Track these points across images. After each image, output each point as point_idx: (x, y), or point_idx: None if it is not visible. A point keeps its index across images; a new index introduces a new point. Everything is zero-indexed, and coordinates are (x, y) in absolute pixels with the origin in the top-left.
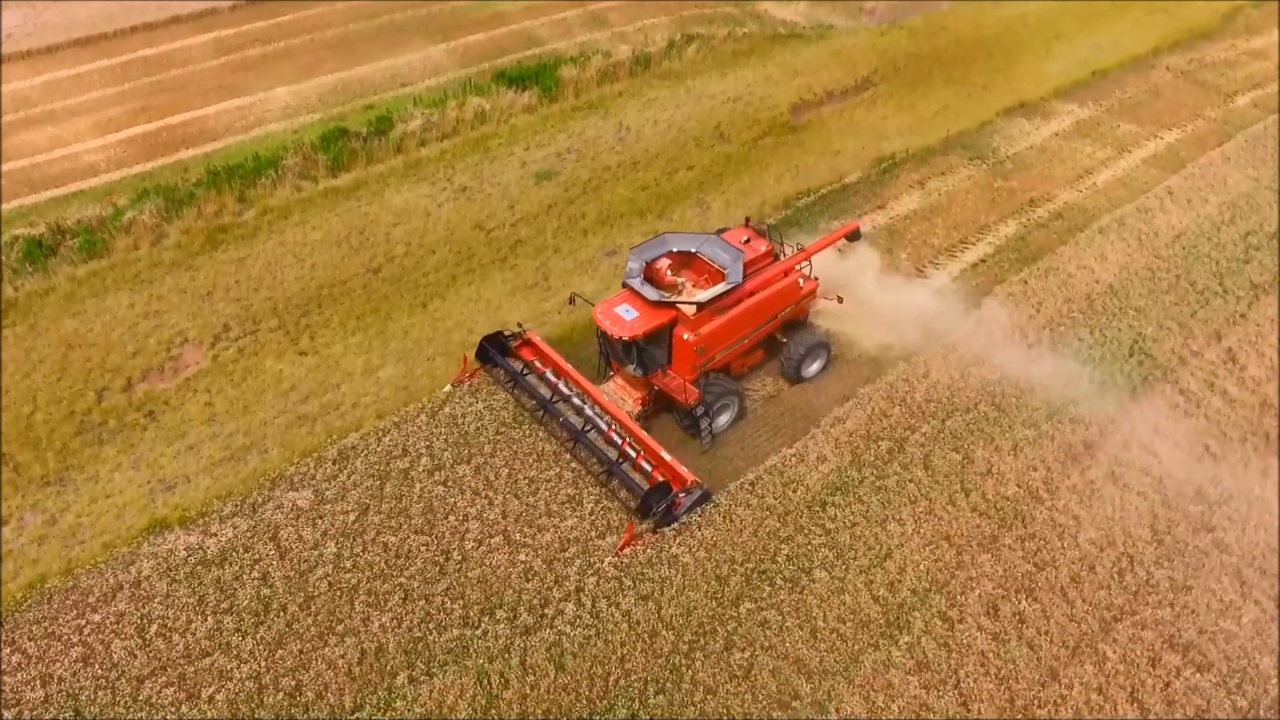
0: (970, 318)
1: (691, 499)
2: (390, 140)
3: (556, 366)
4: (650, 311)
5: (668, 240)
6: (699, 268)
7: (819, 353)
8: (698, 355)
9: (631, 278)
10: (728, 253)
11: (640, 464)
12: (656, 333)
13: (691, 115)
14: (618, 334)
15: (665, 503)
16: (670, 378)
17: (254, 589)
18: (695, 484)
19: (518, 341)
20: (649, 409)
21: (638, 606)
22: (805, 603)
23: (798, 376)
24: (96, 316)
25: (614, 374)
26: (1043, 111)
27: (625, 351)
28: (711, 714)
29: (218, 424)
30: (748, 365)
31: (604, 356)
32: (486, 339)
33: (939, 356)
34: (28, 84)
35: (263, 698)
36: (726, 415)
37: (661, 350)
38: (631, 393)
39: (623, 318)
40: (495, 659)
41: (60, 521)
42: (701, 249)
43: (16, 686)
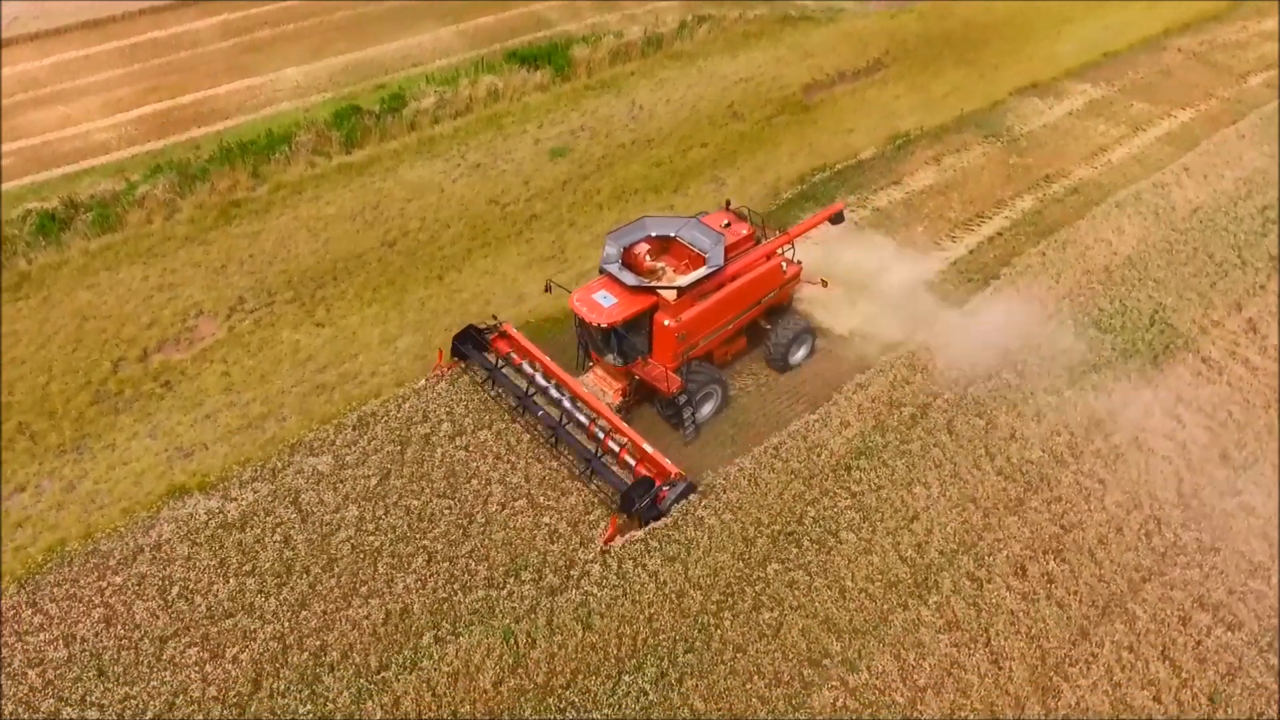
0: (988, 288)
1: (676, 491)
2: (403, 118)
3: (534, 359)
4: (629, 297)
5: (646, 224)
6: (679, 252)
7: (804, 339)
8: (679, 342)
9: (609, 263)
10: (708, 236)
11: (624, 458)
12: (636, 319)
13: (704, 95)
14: (596, 321)
15: (649, 497)
16: (651, 366)
17: (276, 551)
18: (679, 476)
19: (494, 335)
20: (630, 400)
21: (664, 567)
22: (833, 563)
23: (784, 364)
24: (110, 289)
25: (593, 365)
26: (1055, 91)
27: (604, 340)
28: (742, 671)
29: (235, 393)
30: (731, 353)
31: (582, 346)
32: (458, 336)
33: (958, 325)
34: (36, 65)
35: (287, 657)
36: (710, 404)
37: (642, 338)
38: (611, 383)
39: (601, 304)
40: (521, 619)
41: (78, 488)
42: (681, 233)
43: (39, 646)
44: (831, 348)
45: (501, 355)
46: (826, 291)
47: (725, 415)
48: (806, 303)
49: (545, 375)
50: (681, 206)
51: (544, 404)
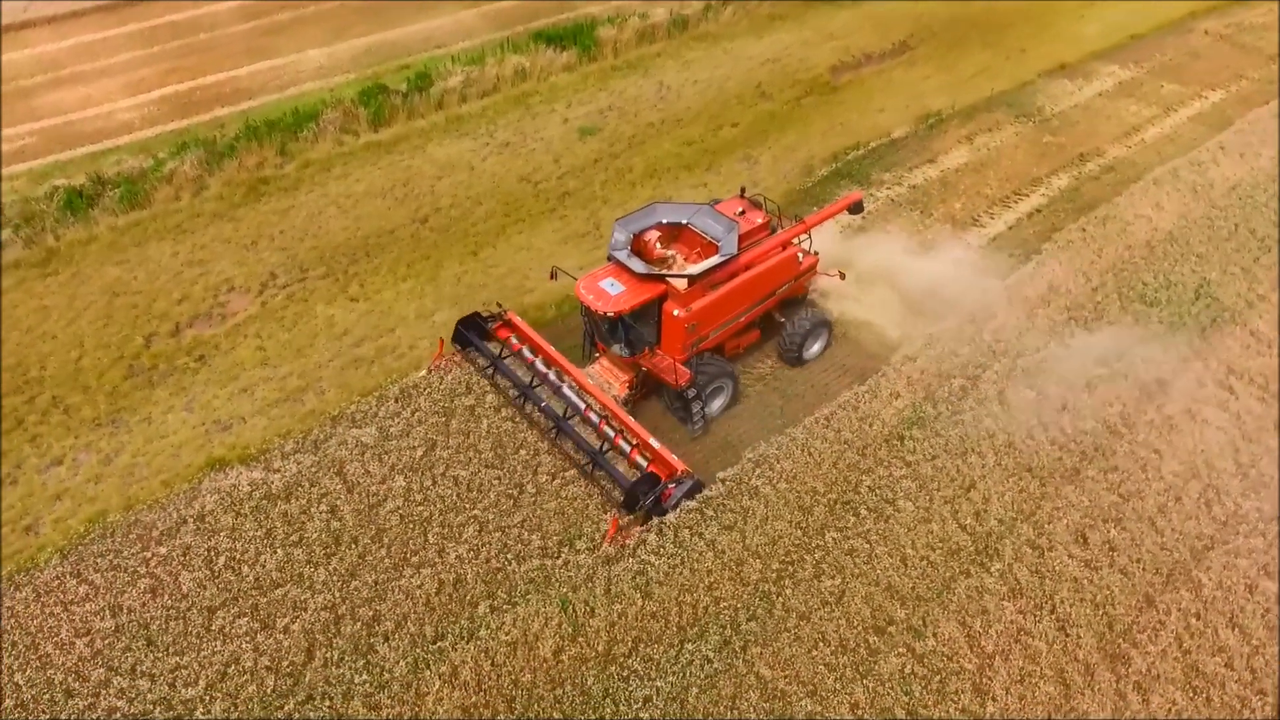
0: (1031, 262)
1: (682, 489)
2: (430, 96)
3: (538, 348)
4: (638, 285)
5: (657, 210)
6: (690, 240)
7: (820, 332)
8: (689, 333)
9: (617, 249)
10: (721, 224)
11: (635, 458)
12: (644, 308)
13: (730, 75)
14: (602, 309)
15: (653, 494)
16: (659, 357)
17: (323, 522)
18: (686, 473)
19: (497, 323)
20: (637, 393)
21: (721, 536)
22: (892, 531)
23: (799, 359)
24: (140, 265)
25: (599, 355)
26: (1084, 73)
27: (610, 329)
28: (807, 639)
29: (270, 367)
30: (742, 345)
31: (588, 337)
32: (462, 321)
33: (1003, 299)
34: (55, 47)
35: (340, 627)
36: (720, 399)
37: (650, 328)
38: (618, 375)
39: (608, 292)
40: (579, 588)
41: (115, 461)
42: (693, 220)
43: (86, 616)
44: (876, 320)
45: (505, 344)
46: (872, 265)
47: (772, 386)
48: (851, 279)
49: (549, 365)
50: (715, 184)
51: (547, 395)
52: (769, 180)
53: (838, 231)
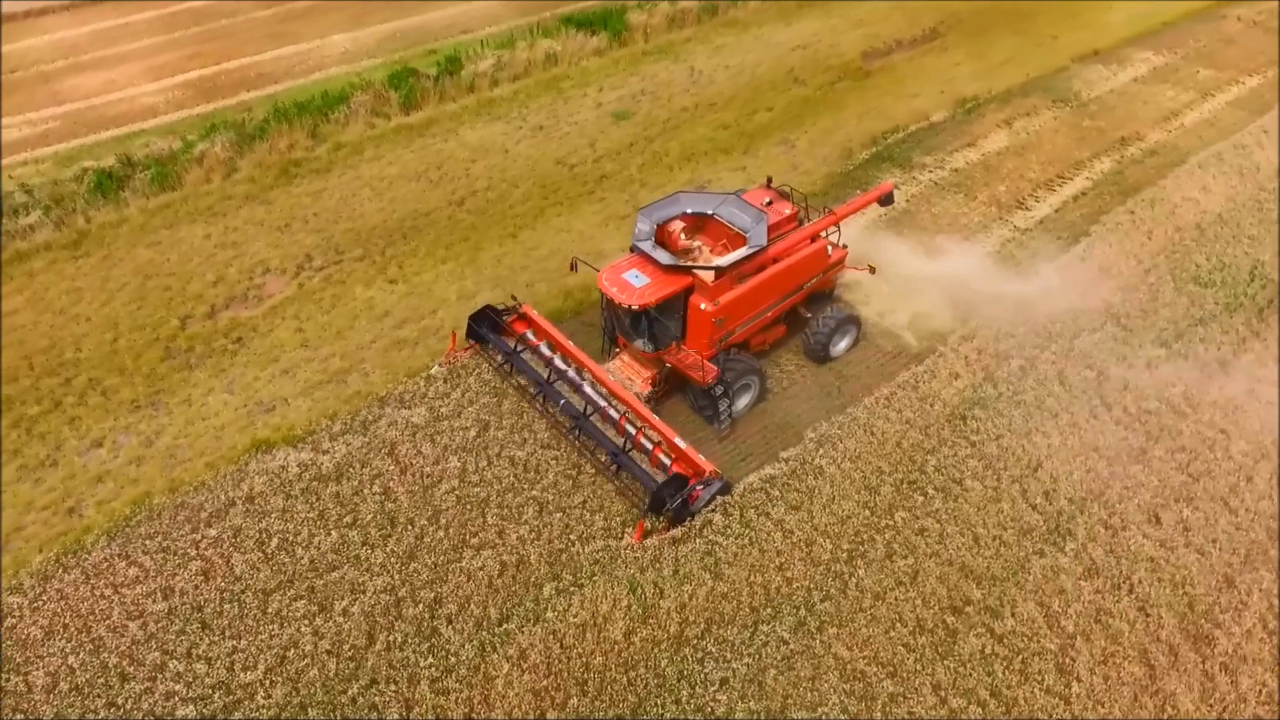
0: (1080, 244)
1: (710, 491)
2: (461, 80)
3: (555, 343)
4: (663, 277)
5: (681, 200)
6: (715, 231)
7: (848, 329)
8: (716, 328)
9: (641, 240)
10: (748, 214)
11: (658, 457)
12: (670, 301)
13: (761, 61)
14: (626, 302)
15: (680, 496)
16: (684, 353)
17: (377, 504)
18: (714, 474)
19: (512, 316)
20: (659, 390)
21: (789, 516)
22: (962, 511)
23: (825, 355)
24: (172, 247)
25: (620, 351)
26: (1117, 59)
27: (634, 323)
28: (884, 619)
29: (311, 348)
30: (768, 341)
31: (608, 331)
32: (474, 316)
33: (1055, 280)
34: (75, 32)
35: (401, 610)
36: (746, 397)
37: (675, 322)
38: (640, 371)
39: (631, 284)
40: (646, 569)
41: (156, 443)
42: (719, 210)
43: (137, 599)
44: (928, 300)
45: (520, 338)
46: (923, 244)
47: (828, 366)
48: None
49: (567, 361)
50: (753, 168)
51: (566, 392)
52: (808, 164)
53: (876, 218)
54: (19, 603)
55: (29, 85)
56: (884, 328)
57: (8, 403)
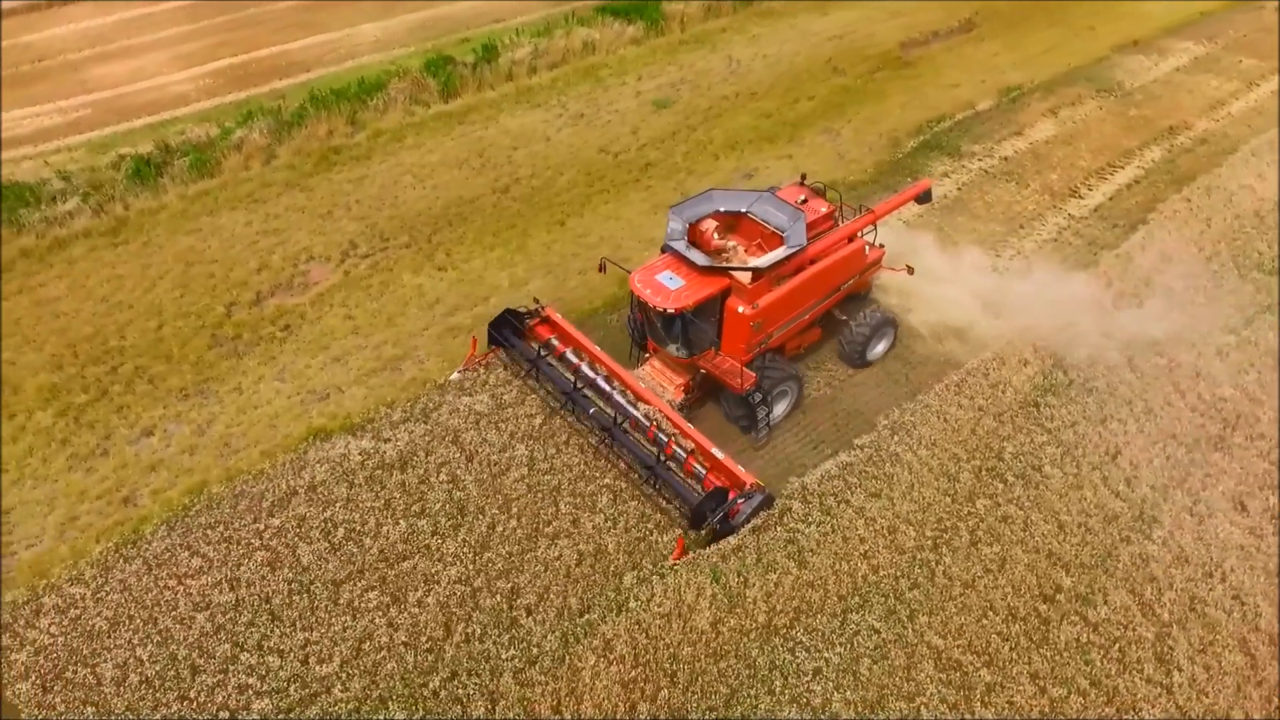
0: (1139, 232)
1: (751, 504)
2: (499, 67)
3: (581, 348)
4: (698, 279)
5: (714, 197)
6: (749, 230)
7: (886, 332)
8: (754, 332)
9: (674, 239)
10: (785, 212)
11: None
12: (706, 304)
13: (799, 50)
14: (661, 305)
15: (721, 511)
16: (721, 359)
17: (445, 492)
18: (755, 487)
19: (534, 320)
20: (692, 397)
21: (869, 503)
22: (1044, 498)
23: (862, 360)
24: (213, 234)
25: (650, 356)
26: (1158, 48)
27: (667, 327)
28: (975, 607)
29: (362, 336)
30: (804, 345)
31: (636, 335)
32: (494, 323)
33: (1118, 267)
34: (100, 22)
35: (477, 600)
36: (784, 403)
37: (711, 326)
38: (672, 378)
39: (666, 286)
40: (728, 557)
41: (209, 431)
42: (753, 208)
43: (203, 590)
44: (987, 286)
45: (544, 344)
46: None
47: (894, 352)
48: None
49: (595, 367)
50: (800, 157)
51: (595, 400)
52: (855, 152)
53: (928, 206)
54: (81, 593)
55: (57, 74)
56: (948, 314)
57: (53, 390)
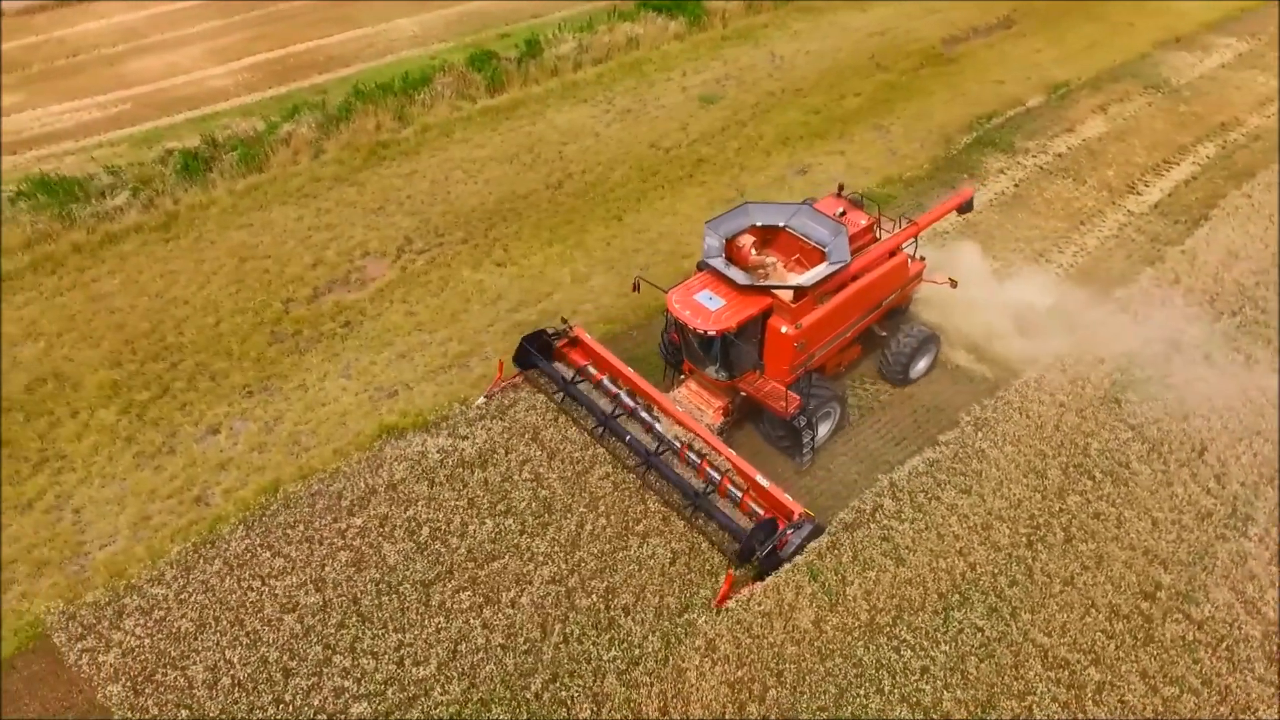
0: (1203, 228)
1: (800, 535)
2: (544, 62)
3: (614, 371)
4: (740, 299)
5: (750, 211)
6: (786, 245)
7: (929, 348)
8: (797, 352)
9: (712, 256)
10: (824, 226)
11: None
12: (748, 325)
13: (840, 46)
14: (702, 327)
15: (770, 543)
16: (763, 381)
17: (530, 490)
18: (804, 516)
19: (562, 340)
20: (731, 420)
21: (961, 500)
22: (1135, 495)
23: (904, 378)
24: (264, 229)
25: (685, 378)
26: (1200, 45)
27: (705, 349)
28: (1076, 605)
29: (426, 332)
30: (844, 363)
31: (670, 356)
32: (528, 338)
33: (1184, 263)
34: (132, 17)
35: (573, 600)
36: (826, 425)
37: (753, 347)
38: (710, 400)
39: (706, 307)
40: (824, 555)
41: (276, 429)
42: (791, 222)
43: (288, 590)
44: (1054, 279)
45: (576, 366)
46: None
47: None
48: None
49: (630, 391)
50: (851, 153)
51: (632, 426)
52: (906, 148)
53: (988, 202)
54: (164, 594)
55: (93, 68)
56: (1020, 309)
57: (114, 387)
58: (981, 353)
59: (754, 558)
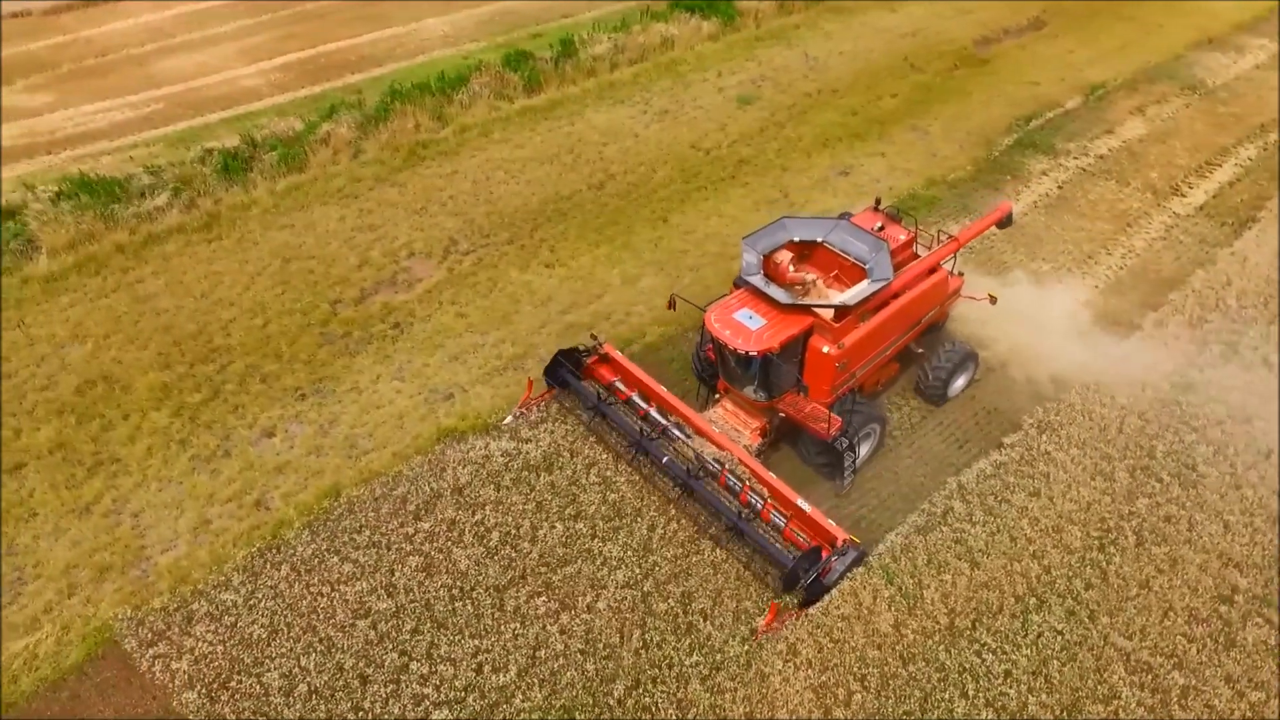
0: (1252, 229)
1: (845, 562)
2: (580, 63)
3: (647, 390)
4: (781, 318)
5: (787, 226)
6: (824, 261)
7: (968, 366)
8: (839, 373)
9: (750, 273)
10: (864, 242)
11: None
12: (789, 344)
13: (873, 47)
14: (744, 348)
15: (815, 571)
16: (803, 402)
17: (598, 494)
18: (849, 542)
19: (592, 357)
20: (769, 441)
21: (1031, 502)
22: (1205, 498)
23: (942, 397)
24: (307, 229)
25: (720, 397)
26: (1234, 46)
27: (744, 369)
28: (1155, 608)
29: (478, 334)
30: (882, 382)
31: (704, 374)
32: (562, 353)
33: (1235, 265)
34: (159, 16)
35: (649, 605)
36: (867, 445)
37: (793, 367)
38: (747, 421)
39: (747, 326)
40: (897, 558)
41: (332, 432)
42: (829, 237)
43: (360, 596)
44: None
45: (606, 385)
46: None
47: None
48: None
49: (664, 411)
50: (892, 154)
51: (667, 448)
52: (947, 150)
53: (1034, 203)
54: (233, 600)
55: (122, 68)
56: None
57: (165, 390)
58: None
59: (798, 587)
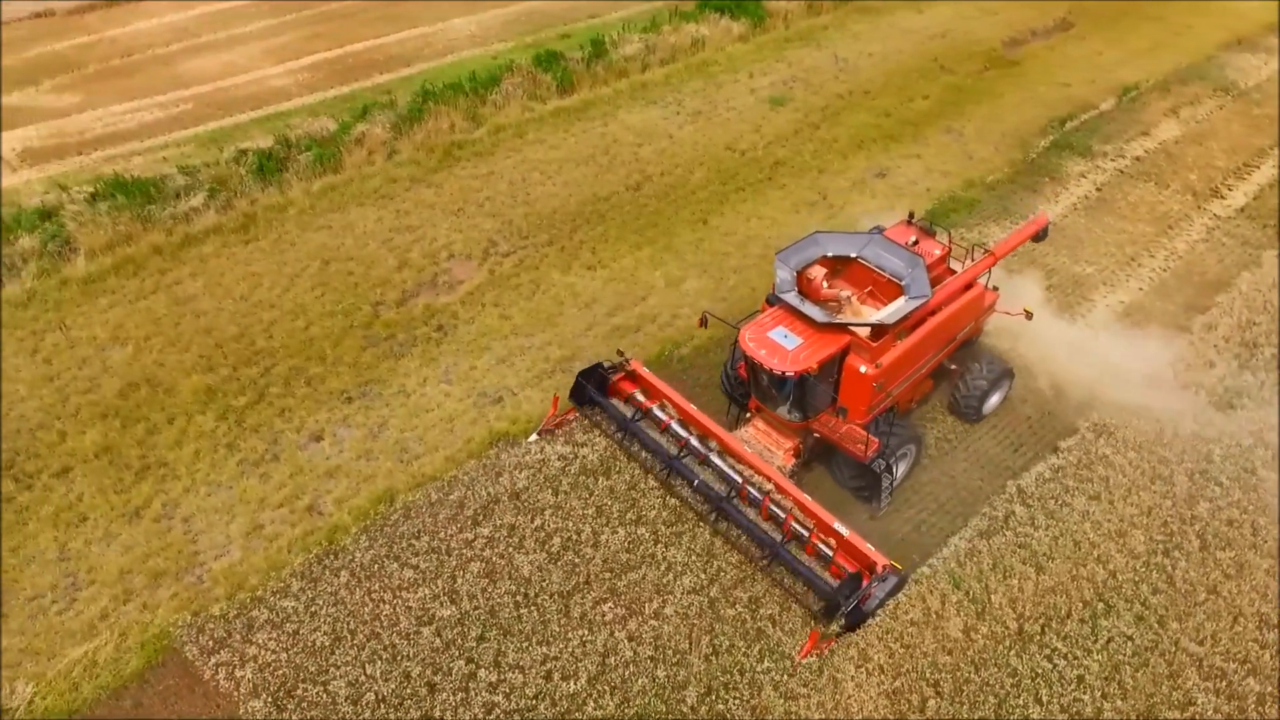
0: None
1: (885, 588)
2: (612, 63)
3: (677, 408)
4: (817, 337)
5: (820, 240)
6: (858, 277)
7: (1003, 384)
8: (875, 393)
9: (785, 291)
10: (899, 257)
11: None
12: (826, 364)
13: (901, 48)
14: (780, 368)
15: (855, 599)
16: (839, 422)
17: (658, 499)
18: (889, 568)
19: (618, 374)
20: (802, 461)
21: (1092, 506)
22: (1265, 502)
23: (978, 415)
24: (344, 230)
25: (752, 416)
26: (1264, 47)
27: (779, 388)
28: (1224, 614)
29: (523, 336)
30: (915, 399)
31: (735, 392)
32: (583, 374)
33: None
34: (183, 16)
35: (717, 611)
36: (903, 466)
37: (829, 387)
38: (779, 441)
39: (783, 346)
40: (963, 563)
41: (381, 436)
42: (864, 252)
43: (423, 603)
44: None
45: (635, 403)
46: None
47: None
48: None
49: (696, 432)
50: (928, 156)
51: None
52: (982, 152)
53: (1074, 205)
54: (293, 607)
55: (149, 68)
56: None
57: (210, 393)
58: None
59: (840, 613)
